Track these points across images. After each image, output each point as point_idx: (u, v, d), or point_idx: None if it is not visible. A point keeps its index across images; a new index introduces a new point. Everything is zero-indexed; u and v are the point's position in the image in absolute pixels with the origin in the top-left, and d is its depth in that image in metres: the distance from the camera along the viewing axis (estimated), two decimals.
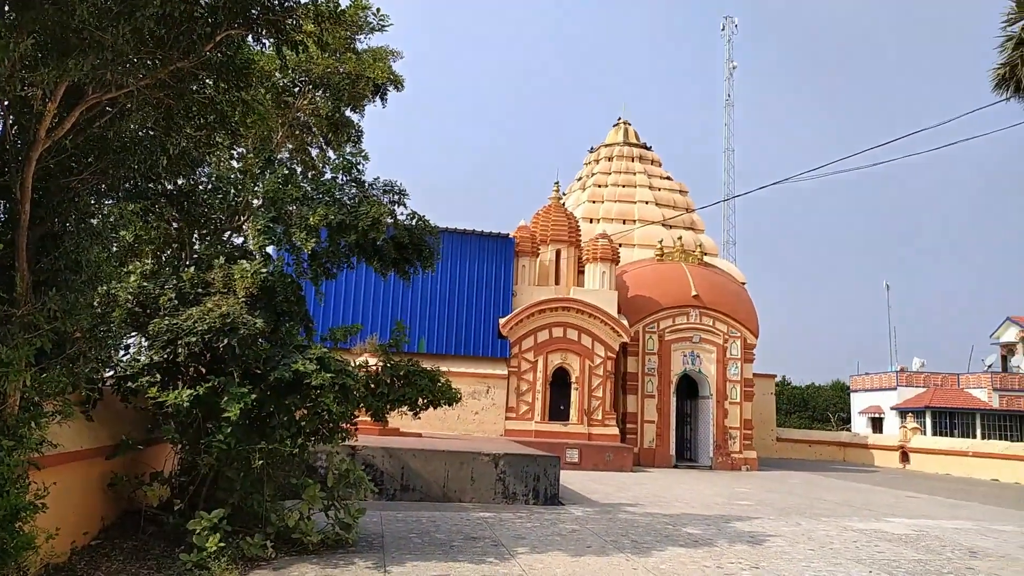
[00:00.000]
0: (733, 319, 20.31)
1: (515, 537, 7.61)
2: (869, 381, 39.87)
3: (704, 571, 6.45)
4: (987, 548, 8.40)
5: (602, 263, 19.16)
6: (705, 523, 9.34)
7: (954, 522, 10.70)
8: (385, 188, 6.83)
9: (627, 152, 25.56)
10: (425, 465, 10.19)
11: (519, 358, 18.13)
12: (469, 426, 17.43)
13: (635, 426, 19.36)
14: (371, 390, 6.74)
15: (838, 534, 8.95)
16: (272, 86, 8.23)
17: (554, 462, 10.70)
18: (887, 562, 7.27)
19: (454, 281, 18.40)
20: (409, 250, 6.91)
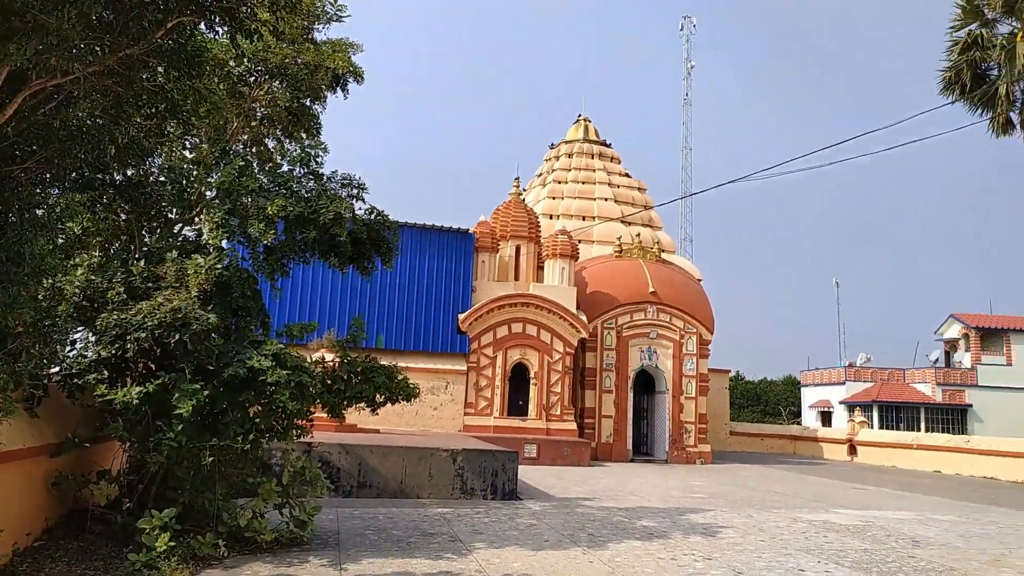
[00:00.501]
0: (689, 315, 20.63)
1: (473, 532, 7.62)
2: (819, 376, 40.93)
3: (659, 563, 6.55)
4: (929, 537, 8.71)
5: (561, 259, 19.26)
6: (660, 516, 9.48)
7: (899, 513, 11.06)
8: (344, 182, 6.74)
9: (587, 149, 25.71)
10: (383, 461, 10.12)
11: (478, 354, 18.12)
12: (428, 422, 17.37)
13: (593, 421, 19.54)
14: (328, 386, 6.66)
15: (788, 525, 9.18)
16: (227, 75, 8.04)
17: (512, 457, 10.73)
18: (835, 552, 7.48)
19: (413, 276, 18.29)
20: (368, 245, 6.82)
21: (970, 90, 25.61)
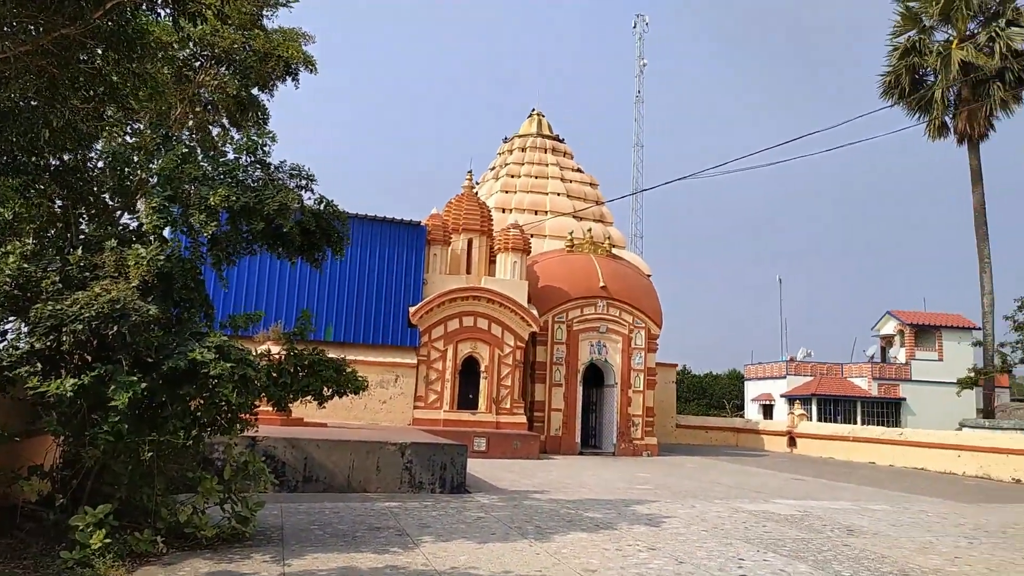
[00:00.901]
0: (638, 310, 20.93)
1: (420, 526, 7.61)
2: (761, 370, 42.05)
3: (604, 554, 6.65)
4: (863, 526, 9.05)
5: (514, 253, 19.30)
6: (607, 507, 9.62)
7: (835, 503, 11.46)
8: (292, 172, 6.61)
9: (540, 144, 25.79)
10: (329, 455, 10.02)
11: (429, 347, 18.05)
12: (377, 415, 17.24)
13: (542, 414, 19.68)
14: (273, 379, 6.54)
15: (730, 515, 9.42)
16: (171, 59, 7.80)
17: (461, 451, 10.74)
18: (773, 541, 7.72)
19: (363, 268, 18.10)
20: (317, 236, 6.71)
21: (908, 94, 26.64)
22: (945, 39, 26.05)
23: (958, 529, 9.19)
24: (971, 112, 25.09)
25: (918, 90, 26.34)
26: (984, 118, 25.15)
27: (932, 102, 25.93)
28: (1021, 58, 24.42)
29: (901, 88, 26.59)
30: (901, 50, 26.71)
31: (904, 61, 26.52)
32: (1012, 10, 24.83)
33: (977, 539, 8.47)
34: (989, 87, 24.74)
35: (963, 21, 25.35)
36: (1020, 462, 16.71)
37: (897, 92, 26.72)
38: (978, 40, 25.00)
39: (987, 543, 8.22)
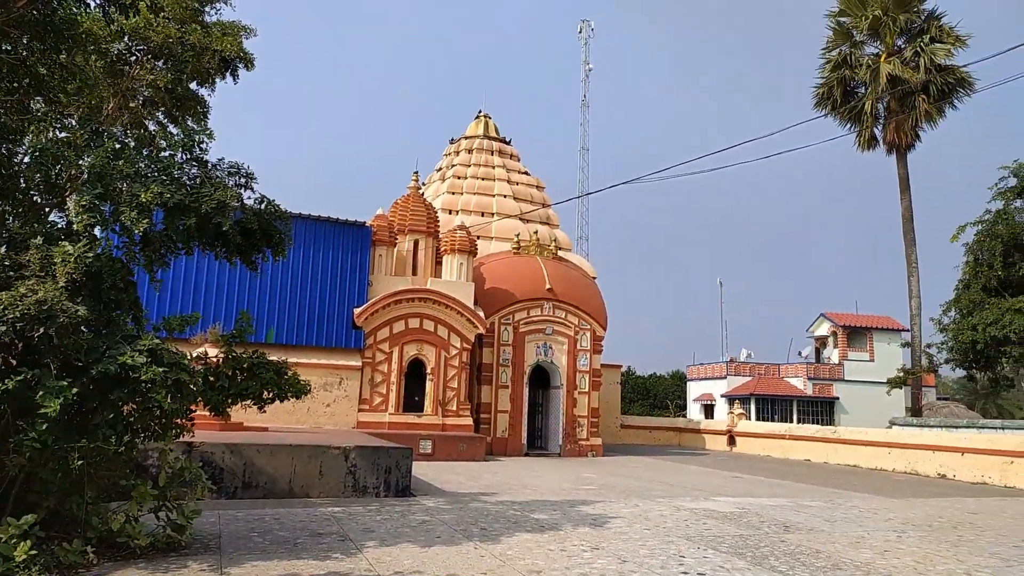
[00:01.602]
0: (584, 312, 21.13)
1: (364, 531, 7.51)
2: (703, 371, 42.98)
3: (548, 554, 6.69)
4: (798, 522, 9.33)
5: (460, 255, 19.25)
6: (552, 508, 9.67)
7: (772, 500, 11.78)
8: (231, 170, 6.43)
9: (487, 145, 25.80)
10: (270, 460, 9.79)
11: (374, 349, 17.84)
12: (320, 419, 16.94)
13: (489, 416, 19.67)
14: (210, 383, 6.35)
15: (671, 514, 9.59)
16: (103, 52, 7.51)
17: (406, 453, 10.64)
18: (713, 538, 7.89)
19: (307, 269, 17.77)
20: (257, 236, 6.54)
21: (840, 105, 27.67)
22: (874, 53, 27.18)
23: (887, 523, 9.56)
24: (898, 123, 26.24)
25: (849, 101, 27.41)
26: (910, 129, 26.32)
27: (862, 113, 27.03)
28: (944, 72, 25.66)
29: (833, 99, 27.63)
30: (833, 63, 27.75)
31: (836, 73, 27.57)
32: (935, 27, 26.07)
33: (905, 533, 8.83)
34: (915, 99, 25.91)
35: (891, 36, 26.50)
36: (945, 458, 17.49)
37: (830, 103, 27.76)
38: (905, 55, 26.15)
39: (914, 536, 8.58)
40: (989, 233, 21.84)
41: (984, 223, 22.21)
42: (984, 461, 16.46)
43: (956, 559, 7.26)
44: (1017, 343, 20.32)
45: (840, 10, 27.66)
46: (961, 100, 26.43)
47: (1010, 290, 21.31)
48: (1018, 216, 21.91)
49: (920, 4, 26.36)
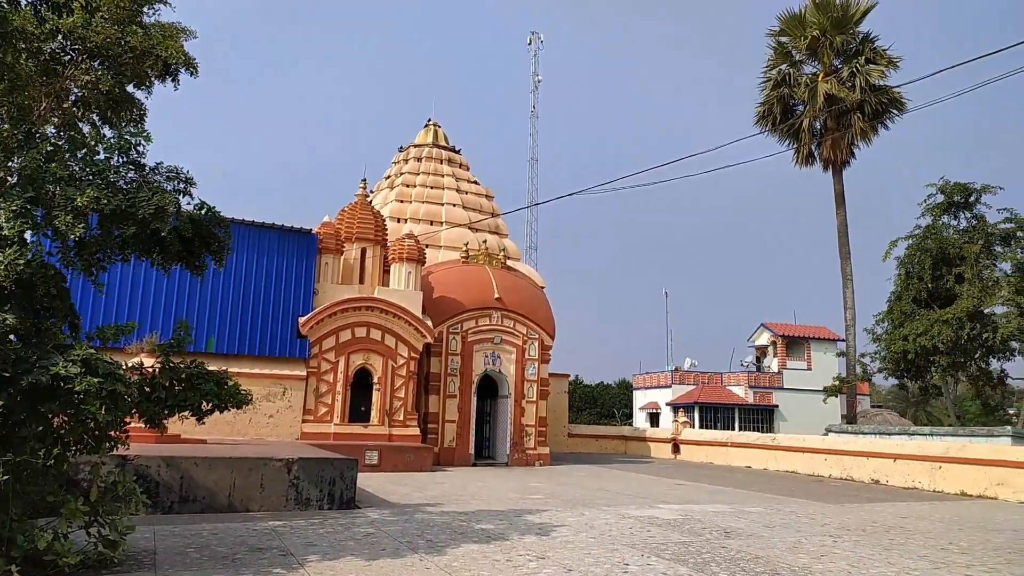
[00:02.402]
0: (532, 321, 21.22)
1: (306, 545, 7.36)
2: (649, 380, 43.61)
3: (495, 565, 6.67)
4: (739, 528, 9.54)
5: (408, 263, 19.12)
6: (499, 518, 9.66)
7: (714, 506, 12.02)
8: (169, 174, 6.25)
9: (436, 154, 25.75)
10: (209, 474, 9.52)
11: (319, 358, 17.54)
12: (263, 430, 16.56)
13: (436, 426, 19.54)
14: (146, 394, 6.15)
15: (616, 522, 9.69)
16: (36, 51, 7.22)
17: (351, 465, 10.48)
18: (656, 545, 8.00)
19: (250, 277, 17.38)
20: (196, 243, 6.38)
21: (780, 122, 28.61)
22: (812, 73, 28.21)
23: (824, 528, 9.86)
24: (834, 141, 27.25)
25: (788, 119, 28.36)
26: (846, 146, 27.38)
27: (800, 131, 28.00)
28: (878, 92, 26.79)
29: (773, 116, 28.56)
30: (774, 81, 28.71)
31: (776, 92, 28.52)
32: (870, 49, 27.23)
33: (841, 537, 9.11)
34: (851, 118, 26.98)
35: (828, 57, 27.55)
36: (878, 464, 18.14)
37: (770, 120, 28.69)
38: (841, 74, 27.23)
39: (849, 541, 8.86)
40: (919, 247, 22.83)
41: (914, 238, 23.22)
42: (914, 467, 17.13)
43: (887, 562, 7.53)
44: (945, 353, 21.27)
45: (780, 30, 28.65)
46: (894, 119, 27.65)
47: (938, 302, 22.31)
48: (946, 231, 22.97)
49: (856, 26, 27.50)
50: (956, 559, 7.85)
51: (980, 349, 21.60)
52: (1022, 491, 14.46)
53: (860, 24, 27.53)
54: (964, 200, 22.79)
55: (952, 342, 20.83)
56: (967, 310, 20.68)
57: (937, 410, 47.17)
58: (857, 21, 27.38)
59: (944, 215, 23.17)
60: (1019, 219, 21.47)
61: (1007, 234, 21.78)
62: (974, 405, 44.89)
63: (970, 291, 20.94)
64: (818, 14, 27.29)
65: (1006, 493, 14.76)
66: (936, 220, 23.12)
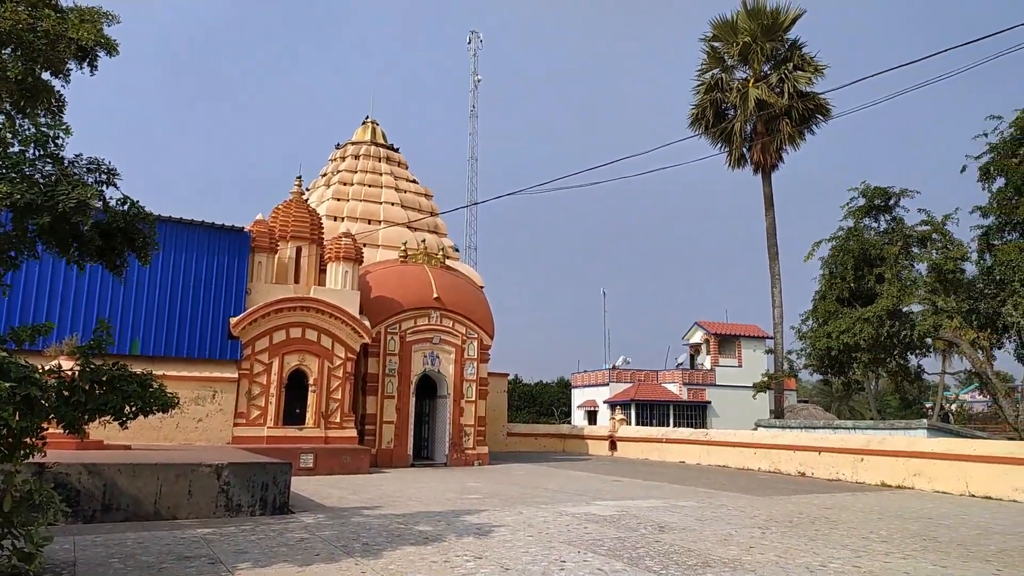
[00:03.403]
0: (471, 321, 21.18)
1: (237, 552, 7.15)
2: (587, 378, 44.13)
3: (432, 566, 6.63)
4: (673, 523, 9.74)
5: (345, 262, 18.81)
6: (436, 519, 9.60)
7: (648, 501, 12.25)
8: (90, 167, 5.95)
9: (374, 152, 25.42)
10: (133, 481, 9.14)
11: (252, 360, 17.07)
12: (191, 435, 16.01)
13: (374, 427, 19.29)
14: (65, 399, 5.86)
15: (554, 519, 9.76)
16: None
17: (285, 469, 10.24)
18: (593, 541, 8.09)
19: (177, 276, 16.76)
20: (118, 239, 6.10)
21: (712, 126, 29.39)
22: (744, 78, 29.06)
23: (753, 520, 10.17)
24: (764, 145, 28.15)
25: (721, 123, 29.14)
26: (775, 150, 28.33)
27: (732, 134, 28.81)
28: (805, 98, 27.81)
29: (706, 120, 29.31)
30: (707, 85, 29.46)
31: (709, 96, 29.27)
32: (798, 56, 28.23)
33: (769, 529, 9.42)
34: (779, 123, 27.91)
35: (758, 63, 28.43)
36: (804, 457, 18.82)
37: (703, 124, 29.42)
38: (770, 80, 28.14)
39: (777, 532, 9.16)
40: (842, 248, 23.78)
41: (837, 239, 24.17)
42: (838, 459, 17.86)
43: (813, 552, 7.82)
44: (866, 349, 22.22)
45: (713, 35, 29.39)
46: (819, 125, 28.75)
47: (860, 301, 23.30)
48: (867, 233, 24.00)
49: (784, 34, 28.45)
50: (876, 547, 8.21)
51: (899, 346, 22.66)
52: (936, 481, 15.25)
53: (789, 31, 28.50)
54: (884, 203, 23.86)
55: (873, 339, 21.78)
56: (887, 309, 21.66)
57: (859, 404, 49.32)
58: (786, 28, 28.34)
59: (865, 217, 24.20)
60: (934, 222, 22.60)
61: (924, 236, 22.91)
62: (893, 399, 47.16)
63: (889, 290, 21.94)
64: (749, 21, 28.12)
65: (922, 483, 15.54)
66: (858, 222, 24.14)
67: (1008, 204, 20.58)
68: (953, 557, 7.69)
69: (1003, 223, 20.99)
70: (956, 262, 21.63)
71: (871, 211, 24.07)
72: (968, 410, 48.65)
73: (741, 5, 28.42)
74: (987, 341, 21.05)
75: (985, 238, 21.60)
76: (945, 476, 15.08)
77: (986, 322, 21.44)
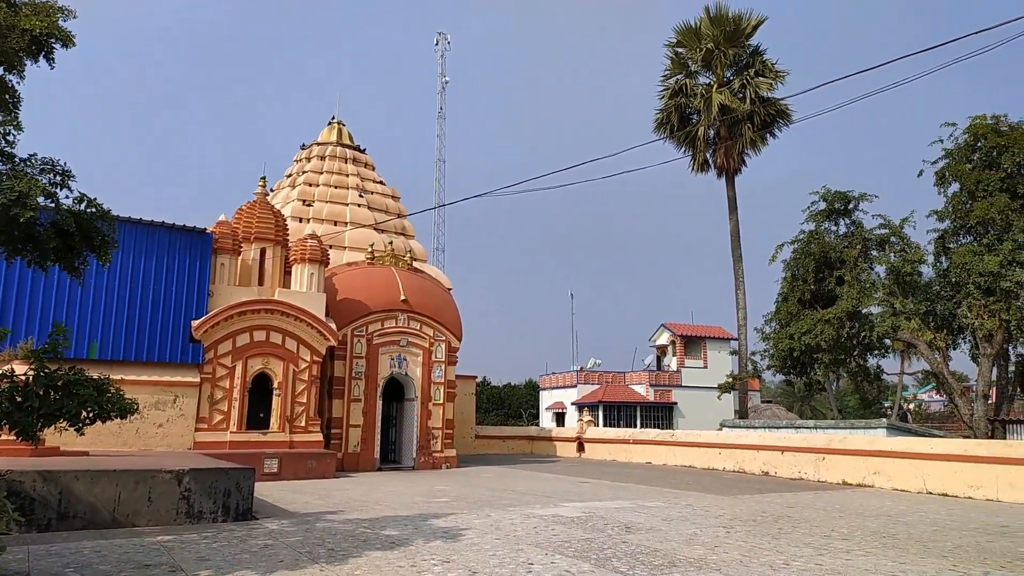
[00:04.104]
0: (439, 323, 21.09)
1: (198, 559, 7.00)
2: (555, 380, 44.26)
3: (399, 571, 6.57)
4: (639, 523, 9.81)
5: (311, 264, 18.59)
6: (403, 524, 9.53)
7: (616, 503, 12.31)
8: (44, 166, 5.78)
9: (340, 153, 25.18)
10: (91, 488, 8.90)
11: (214, 363, 16.76)
12: (151, 440, 15.66)
13: (340, 431, 19.09)
14: (17, 404, 5.68)
15: (521, 522, 9.76)
16: None
17: (248, 474, 10.06)
18: (560, 543, 8.11)
19: (137, 278, 16.38)
20: (76, 239, 5.93)
21: (677, 130, 29.76)
22: (707, 83, 29.46)
23: (718, 520, 10.28)
24: (727, 149, 28.58)
25: (685, 127, 29.51)
26: (738, 155, 28.78)
27: (696, 139, 29.19)
28: (767, 104, 28.29)
29: (671, 124, 29.65)
30: (671, 90, 29.81)
31: (674, 101, 29.62)
32: (759, 63, 28.73)
33: (733, 528, 9.53)
34: (742, 128, 28.35)
35: (721, 68, 28.86)
36: (767, 456, 19.11)
37: (668, 128, 29.76)
38: (733, 86, 28.57)
39: (741, 531, 9.28)
40: (803, 251, 24.23)
41: (799, 242, 24.62)
42: (800, 458, 18.17)
43: (776, 550, 7.93)
44: (827, 350, 22.66)
45: (677, 41, 29.74)
46: (781, 129, 29.27)
47: (821, 302, 23.75)
48: (827, 236, 24.49)
49: (747, 40, 28.91)
50: (837, 545, 8.37)
51: (858, 347, 23.15)
52: (895, 479, 15.61)
53: (751, 38, 28.98)
54: (844, 207, 24.37)
55: (833, 340, 22.22)
56: (846, 310, 22.12)
57: (821, 404, 50.29)
58: (748, 35, 28.80)
59: (826, 221, 24.69)
60: (892, 225, 23.16)
61: (882, 239, 23.46)
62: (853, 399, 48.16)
63: (849, 292, 22.41)
64: (712, 27, 28.52)
65: (881, 481, 15.89)
66: (819, 226, 24.61)
67: (963, 208, 21.18)
68: (911, 554, 7.87)
69: (958, 227, 21.60)
70: (913, 265, 22.21)
71: (831, 215, 24.57)
72: (925, 409, 49.94)
73: (704, 12, 28.81)
74: (943, 342, 21.64)
75: (941, 241, 22.21)
76: (903, 474, 15.44)
77: (942, 323, 22.04)
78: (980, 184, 20.50)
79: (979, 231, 20.78)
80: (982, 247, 20.18)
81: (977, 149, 21.18)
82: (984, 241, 20.40)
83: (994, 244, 19.97)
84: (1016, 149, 20.15)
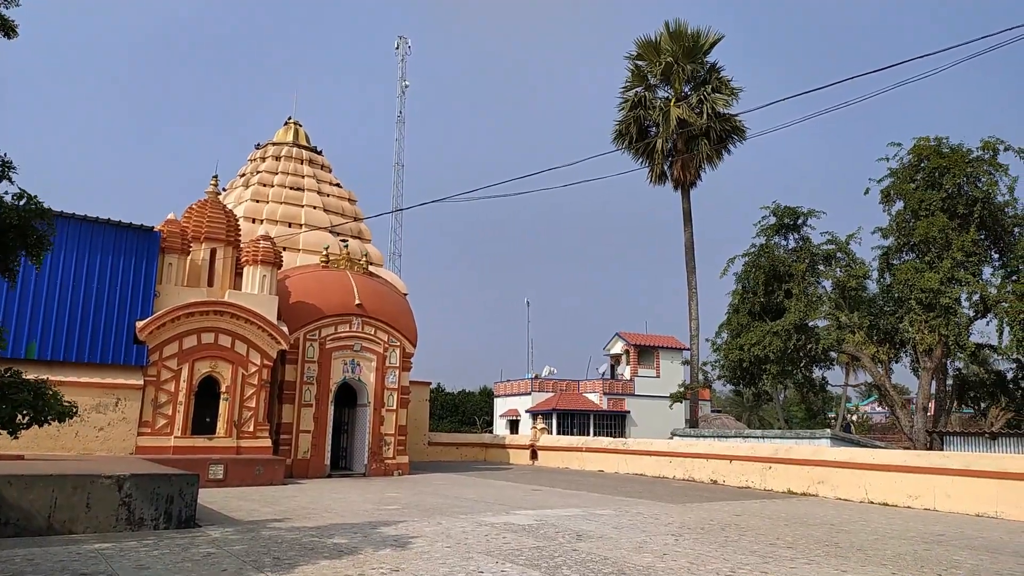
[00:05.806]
0: (394, 329, 20.90)
1: (138, 568, 6.77)
2: (509, 387, 44.29)
3: None
4: (589, 531, 9.85)
5: (263, 266, 18.24)
6: (353, 532, 9.39)
7: (567, 510, 12.35)
8: None
9: (296, 154, 24.80)
10: (24, 493, 8.54)
11: (159, 366, 16.28)
12: (92, 444, 15.12)
13: (290, 437, 18.74)
14: None
15: (472, 529, 9.71)
16: None
17: (191, 480, 9.79)
18: (511, 551, 8.09)
19: (80, 276, 15.83)
20: (11, 236, 5.70)
21: (636, 142, 30.19)
22: (666, 97, 29.98)
23: (667, 528, 10.40)
24: (684, 162, 29.11)
25: (644, 139, 29.95)
26: (695, 168, 29.33)
27: (654, 151, 29.66)
28: (723, 119, 28.93)
29: (630, 136, 30.07)
30: (631, 103, 30.24)
31: (633, 113, 30.06)
32: (716, 79, 29.39)
33: (682, 536, 9.65)
34: (699, 142, 28.92)
35: (680, 83, 29.41)
36: (716, 465, 19.42)
37: (626, 139, 30.18)
38: (691, 101, 29.14)
39: (690, 539, 9.40)
40: (754, 264, 24.78)
41: (750, 255, 25.17)
42: (748, 467, 18.51)
43: (723, 558, 8.05)
44: (775, 361, 23.19)
45: (638, 54, 30.22)
46: (736, 145, 29.94)
47: (770, 315, 24.31)
48: (777, 250, 25.10)
49: (704, 56, 29.54)
50: (783, 553, 8.54)
51: (805, 359, 23.76)
52: (839, 488, 16.01)
53: (709, 54, 29.62)
54: (793, 223, 25.01)
55: (781, 352, 22.75)
56: (794, 323, 22.68)
57: (768, 414, 51.38)
58: (706, 51, 29.42)
59: (776, 235, 25.31)
60: (838, 241, 23.87)
61: (828, 255, 24.15)
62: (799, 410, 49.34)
63: (797, 306, 22.99)
64: (672, 42, 29.05)
65: (825, 490, 16.29)
66: (769, 240, 25.21)
67: (906, 226, 21.96)
68: (853, 562, 8.08)
69: (902, 244, 22.38)
70: (858, 280, 22.92)
71: (781, 229, 25.19)
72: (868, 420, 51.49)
73: (664, 27, 29.33)
74: (886, 355, 22.36)
75: (885, 257, 22.97)
76: (847, 484, 15.85)
77: (885, 337, 22.76)
78: (923, 203, 21.28)
79: (921, 249, 21.55)
80: (924, 264, 20.94)
81: (920, 169, 21.99)
82: (926, 259, 21.17)
83: (935, 262, 20.74)
84: (956, 171, 20.99)
